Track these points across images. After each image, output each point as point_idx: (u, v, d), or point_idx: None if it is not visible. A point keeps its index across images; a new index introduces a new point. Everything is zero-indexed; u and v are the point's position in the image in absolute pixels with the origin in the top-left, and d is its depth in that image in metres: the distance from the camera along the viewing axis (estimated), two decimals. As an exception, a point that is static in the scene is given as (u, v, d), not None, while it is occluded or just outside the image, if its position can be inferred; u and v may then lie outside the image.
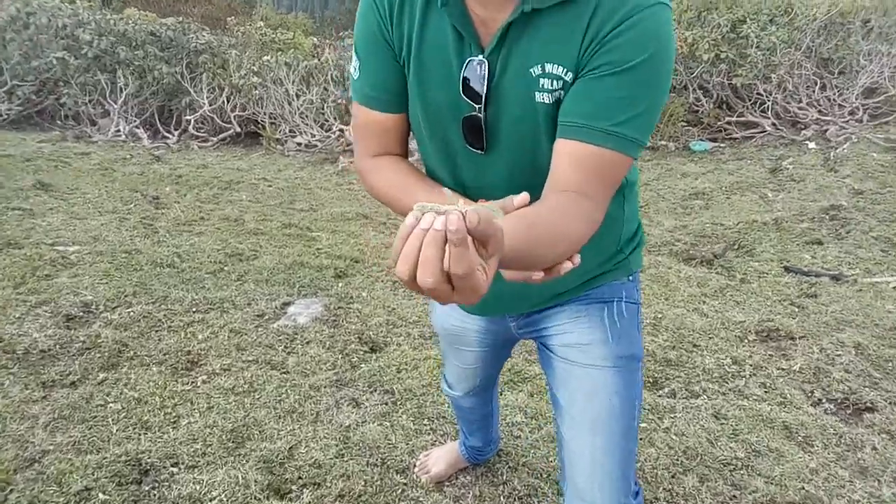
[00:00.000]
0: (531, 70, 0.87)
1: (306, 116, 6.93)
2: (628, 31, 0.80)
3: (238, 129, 7.19)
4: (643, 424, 2.13)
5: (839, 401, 2.29)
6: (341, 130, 6.67)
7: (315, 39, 9.15)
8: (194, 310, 2.70)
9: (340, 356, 2.38)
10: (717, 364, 2.52)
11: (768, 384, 2.37)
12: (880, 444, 2.03)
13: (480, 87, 0.89)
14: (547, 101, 0.88)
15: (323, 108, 6.92)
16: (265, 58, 7.23)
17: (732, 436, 2.06)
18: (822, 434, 2.08)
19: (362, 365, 2.33)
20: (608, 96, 0.82)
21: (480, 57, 0.88)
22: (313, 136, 6.77)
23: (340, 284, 3.06)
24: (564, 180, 0.85)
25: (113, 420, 1.92)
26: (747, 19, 6.25)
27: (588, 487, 1.05)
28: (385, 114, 0.99)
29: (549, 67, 0.86)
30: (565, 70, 0.85)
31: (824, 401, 2.29)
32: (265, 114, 7.09)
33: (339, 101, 6.81)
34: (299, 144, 6.74)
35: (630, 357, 1.07)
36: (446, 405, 2.12)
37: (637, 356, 1.09)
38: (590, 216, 0.85)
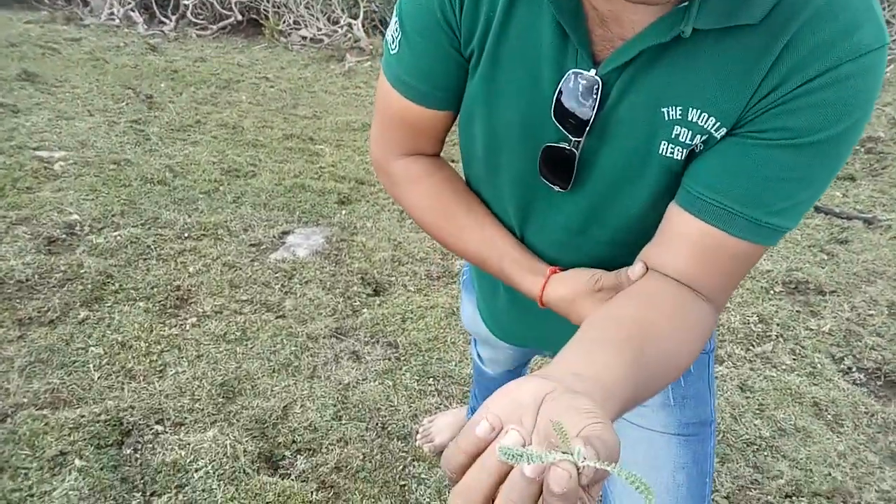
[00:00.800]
0: (665, 110, 0.60)
1: (312, 7, 6.41)
2: (832, 88, 0.53)
3: (239, 17, 6.68)
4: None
5: (870, 370, 2.15)
6: (349, 25, 6.18)
7: (324, -83, 8.35)
8: (186, 235, 2.51)
9: (341, 299, 2.21)
10: (742, 322, 2.36)
11: (797, 350, 2.22)
12: (914, 427, 1.90)
13: (582, 111, 0.62)
14: (675, 157, 0.62)
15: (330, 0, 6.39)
16: (269, -63, 6.59)
17: (758, 411, 1.93)
18: (852, 412, 1.95)
19: (364, 311, 2.17)
20: (772, 175, 0.57)
21: (593, 73, 0.60)
22: (319, 29, 6.29)
23: (344, 212, 2.85)
24: (683, 270, 0.62)
25: (94, 366, 1.79)
26: None
27: None
28: (425, 108, 0.73)
29: (692, 114, 0.59)
30: (717, 124, 0.59)
31: (855, 370, 2.15)
32: (268, 1, 6.57)
33: (349, -9, 6.28)
34: (304, 38, 6.28)
35: (699, 423, 0.86)
36: (452, 363, 1.98)
37: (708, 421, 0.87)
38: (707, 327, 0.62)
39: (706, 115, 0.58)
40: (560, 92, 0.62)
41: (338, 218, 2.78)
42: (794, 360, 2.16)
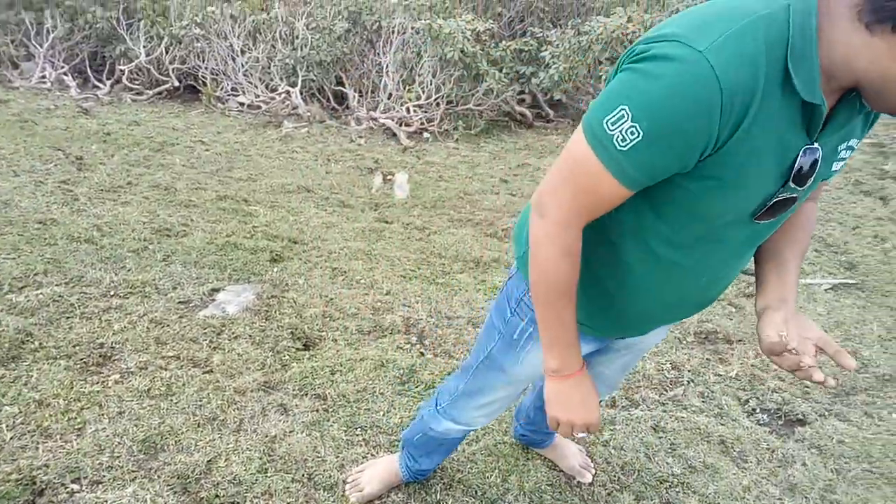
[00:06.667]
0: (839, 147, 0.90)
1: (251, 75, 6.56)
2: None
3: (176, 83, 6.75)
4: (582, 434, 2.08)
5: (772, 411, 2.31)
6: (288, 93, 6.34)
7: (264, -9, 8.64)
8: (112, 293, 2.48)
9: (271, 354, 2.23)
10: (657, 369, 2.50)
11: (706, 393, 2.37)
12: (809, 461, 2.05)
13: (810, 171, 0.87)
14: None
15: (269, 67, 6.56)
16: (209, 8, 6.77)
17: (670, 450, 2.04)
18: (755, 449, 2.09)
19: (293, 364, 2.20)
20: None
21: (816, 144, 0.86)
22: (257, 96, 6.42)
23: (276, 269, 2.89)
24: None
25: (7, 426, 1.74)
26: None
27: None
28: (631, 192, 0.87)
29: (853, 142, 0.92)
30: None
31: (758, 411, 2.30)
32: (206, 69, 6.68)
33: (287, 60, 6.47)
34: (241, 104, 6.39)
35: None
36: (380, 413, 2.01)
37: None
38: (812, 212, 1.12)
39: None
40: (800, 165, 0.86)
41: (269, 275, 2.81)
42: (703, 402, 2.30)
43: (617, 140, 0.80)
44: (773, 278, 1.05)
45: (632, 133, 0.79)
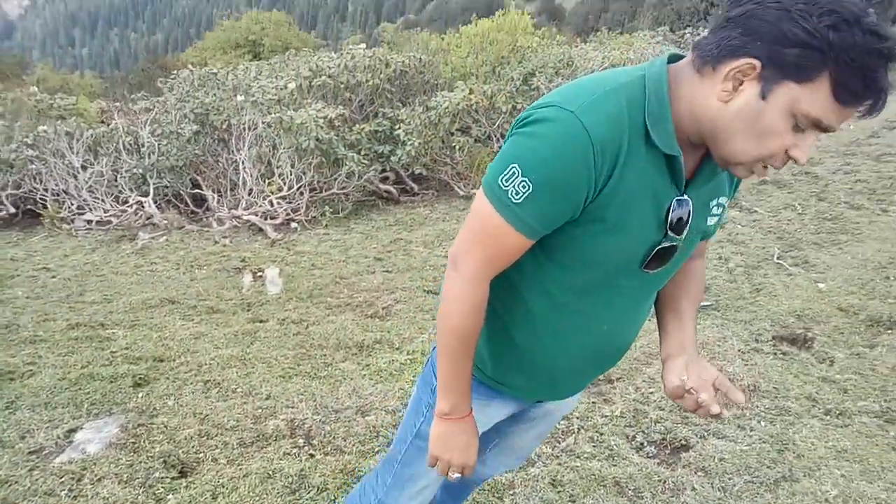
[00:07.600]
0: (710, 202, 1.06)
1: (96, 190, 6.22)
2: None
3: (12, 210, 6.27)
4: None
5: (658, 442, 2.41)
6: (140, 203, 6.07)
7: (103, 103, 8.37)
8: (-56, 460, 2.18)
9: (142, 490, 2.03)
10: (548, 422, 2.55)
11: (595, 437, 2.43)
12: (698, 484, 2.15)
13: (685, 221, 1.00)
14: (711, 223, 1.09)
15: (116, 180, 6.27)
16: (41, 128, 6.43)
17: (570, 503, 2.06)
18: (648, 483, 2.16)
19: (169, 497, 2.01)
20: None
21: (686, 196, 1.00)
22: (106, 211, 6.09)
23: (140, 395, 2.67)
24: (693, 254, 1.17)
25: None
26: (536, 72, 6.77)
27: None
28: (531, 241, 0.97)
29: (722, 199, 1.08)
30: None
31: (646, 444, 2.40)
32: (46, 190, 6.27)
33: (135, 170, 6.22)
34: (90, 222, 6.02)
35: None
36: (272, 531, 1.88)
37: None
38: (700, 267, 1.26)
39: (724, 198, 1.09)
40: (674, 214, 0.99)
41: (134, 403, 2.59)
42: (594, 447, 2.37)
43: (511, 194, 0.92)
44: (672, 327, 1.17)
45: (523, 186, 0.91)
